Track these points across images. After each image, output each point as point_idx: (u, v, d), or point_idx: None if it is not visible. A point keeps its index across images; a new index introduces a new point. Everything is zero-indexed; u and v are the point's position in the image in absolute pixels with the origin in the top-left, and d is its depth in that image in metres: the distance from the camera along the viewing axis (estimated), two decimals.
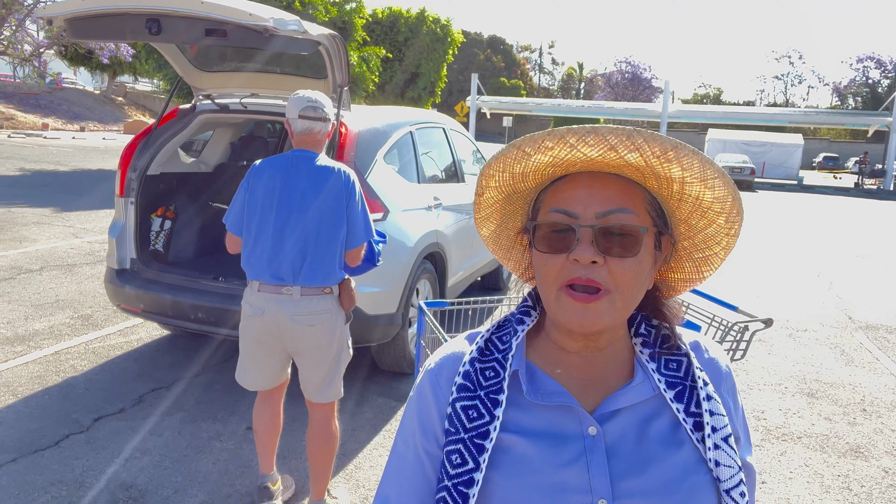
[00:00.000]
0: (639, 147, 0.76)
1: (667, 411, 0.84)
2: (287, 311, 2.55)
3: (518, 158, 0.84)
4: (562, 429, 0.83)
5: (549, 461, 0.81)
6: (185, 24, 3.11)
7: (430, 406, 0.88)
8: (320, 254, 2.57)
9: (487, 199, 0.92)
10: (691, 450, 0.82)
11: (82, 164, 16.41)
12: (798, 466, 3.50)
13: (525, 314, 0.92)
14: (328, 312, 2.61)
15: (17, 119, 25.77)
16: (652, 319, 0.91)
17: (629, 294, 0.81)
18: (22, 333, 4.68)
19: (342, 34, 17.98)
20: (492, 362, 0.87)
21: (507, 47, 73.61)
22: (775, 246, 11.28)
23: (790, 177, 33.39)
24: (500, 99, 39.58)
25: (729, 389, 0.90)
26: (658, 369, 0.86)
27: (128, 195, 4.11)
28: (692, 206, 0.85)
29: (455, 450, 0.82)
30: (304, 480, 3.07)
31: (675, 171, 0.80)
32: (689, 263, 0.93)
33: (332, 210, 2.58)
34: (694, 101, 73.45)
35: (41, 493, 2.82)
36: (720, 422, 0.83)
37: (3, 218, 8.89)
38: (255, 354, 2.69)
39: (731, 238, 0.87)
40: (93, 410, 3.61)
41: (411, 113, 4.96)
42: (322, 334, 2.62)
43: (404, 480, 0.88)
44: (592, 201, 0.81)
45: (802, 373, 4.93)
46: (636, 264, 0.81)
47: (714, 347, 0.94)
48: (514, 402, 0.85)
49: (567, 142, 0.78)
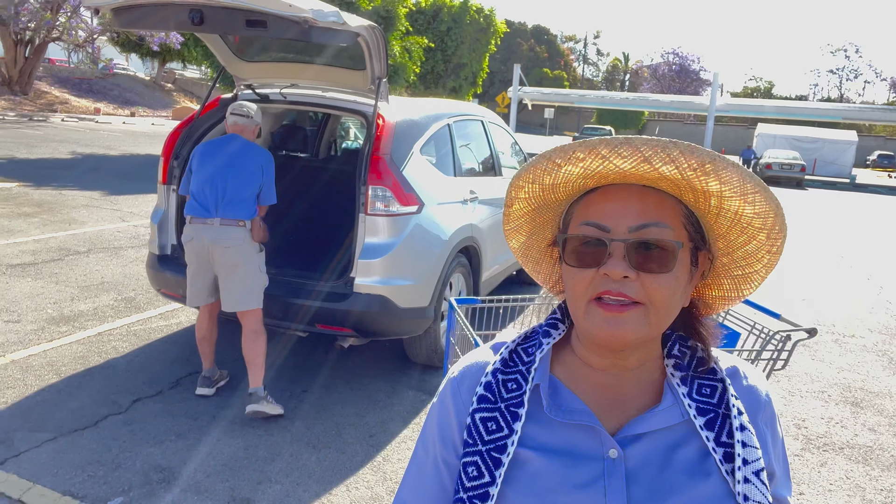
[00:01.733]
0: (674, 159, 0.73)
1: (695, 439, 0.80)
2: (209, 236, 3.41)
3: (548, 169, 0.81)
4: (581, 449, 0.80)
5: (564, 481, 0.78)
6: (226, 14, 3.14)
7: (450, 415, 0.87)
8: (238, 197, 3.44)
9: (517, 210, 0.90)
10: (719, 482, 0.77)
11: (131, 149, 16.86)
12: (839, 478, 3.39)
13: (552, 326, 0.89)
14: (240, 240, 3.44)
15: (70, 103, 26.60)
16: (687, 340, 0.87)
17: (663, 310, 0.77)
18: (67, 314, 4.83)
19: (385, 24, 18.00)
20: (515, 374, 0.85)
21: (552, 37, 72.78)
22: (824, 247, 10.92)
23: (842, 175, 32.23)
24: (543, 90, 39.17)
25: (767, 420, 0.85)
26: (689, 394, 0.82)
27: (170, 182, 4.19)
28: (731, 222, 0.81)
29: (472, 462, 0.81)
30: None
31: (713, 185, 0.75)
32: (728, 280, 0.88)
33: (251, 170, 3.49)
34: (744, 94, 71.45)
35: (78, 471, 2.91)
36: (753, 454, 0.78)
37: (55, 200, 9.20)
38: (190, 273, 3.58)
39: (773, 255, 0.82)
40: (131, 392, 3.71)
41: (450, 105, 4.93)
42: (235, 256, 3.42)
43: (421, 487, 0.87)
44: (625, 214, 0.78)
45: (847, 380, 4.76)
46: (671, 280, 0.77)
47: (754, 374, 0.88)
48: (534, 417, 0.82)
49: (599, 153, 0.75)
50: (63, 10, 22.01)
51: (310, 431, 3.43)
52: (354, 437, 3.42)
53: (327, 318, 3.68)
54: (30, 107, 24.18)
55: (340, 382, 4.06)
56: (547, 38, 71.64)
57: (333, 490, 2.95)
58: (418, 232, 3.81)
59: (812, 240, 11.59)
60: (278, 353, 4.41)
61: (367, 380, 4.13)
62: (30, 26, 22.19)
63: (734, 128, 52.75)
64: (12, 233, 7.11)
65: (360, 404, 3.79)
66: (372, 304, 3.64)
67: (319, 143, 5.91)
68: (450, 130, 4.56)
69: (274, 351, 4.45)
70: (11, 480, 2.79)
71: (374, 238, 3.66)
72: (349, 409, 3.72)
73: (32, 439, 3.13)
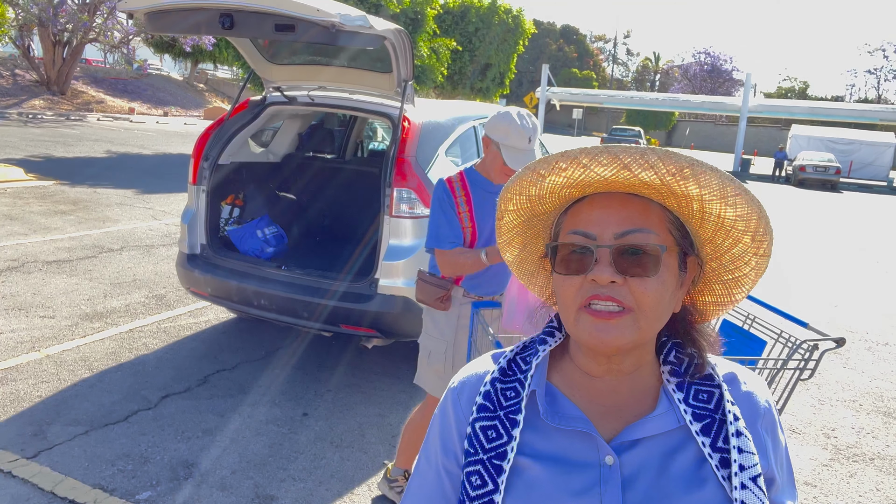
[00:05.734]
0: (653, 165, 0.75)
1: (692, 445, 0.81)
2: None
3: (533, 181, 0.83)
4: (577, 455, 0.81)
5: (560, 488, 0.79)
6: (255, 19, 3.20)
7: (451, 425, 0.88)
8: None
9: (507, 222, 0.92)
10: (715, 488, 0.78)
11: (164, 148, 17.18)
12: (868, 490, 3.31)
13: (549, 335, 0.90)
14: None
15: (106, 103, 27.21)
16: (685, 347, 0.87)
17: (652, 315, 0.79)
18: (100, 310, 4.95)
19: (413, 26, 18.06)
20: (513, 383, 0.87)
21: (581, 37, 72.23)
22: (858, 252, 10.66)
23: (879, 177, 31.42)
24: (571, 90, 38.90)
25: (767, 426, 0.85)
26: (685, 399, 0.82)
27: (200, 183, 4.27)
28: (715, 226, 0.82)
29: (475, 471, 0.82)
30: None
31: (693, 189, 0.77)
32: (719, 286, 0.90)
33: None
34: (777, 94, 70.13)
35: (108, 465, 2.99)
36: (749, 460, 0.78)
37: (90, 198, 9.42)
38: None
39: (760, 258, 0.83)
40: (161, 388, 3.79)
41: (475, 107, 4.94)
42: None
43: (425, 497, 0.88)
44: (610, 221, 0.80)
45: (880, 390, 4.65)
46: (658, 284, 0.79)
47: (753, 381, 0.88)
48: (531, 424, 0.84)
49: (580, 162, 0.77)
50: (99, 11, 22.52)
51: (333, 431, 3.47)
52: (377, 437, 3.45)
53: (351, 319, 3.72)
54: (67, 106, 24.81)
55: (364, 382, 4.09)
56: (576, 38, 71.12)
57: (355, 489, 2.98)
58: None
59: (845, 244, 11.33)
60: (303, 353, 4.47)
61: (390, 380, 4.16)
62: (67, 28, 22.76)
63: (767, 129, 51.79)
64: (49, 230, 7.30)
65: (383, 405, 3.82)
66: (395, 305, 3.66)
67: (346, 144, 5.96)
68: (475, 132, 4.56)
69: (298, 350, 4.50)
70: (44, 473, 2.88)
71: (399, 240, 3.68)
72: (372, 409, 3.75)
73: (65, 433, 3.22)
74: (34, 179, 10.47)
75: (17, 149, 13.69)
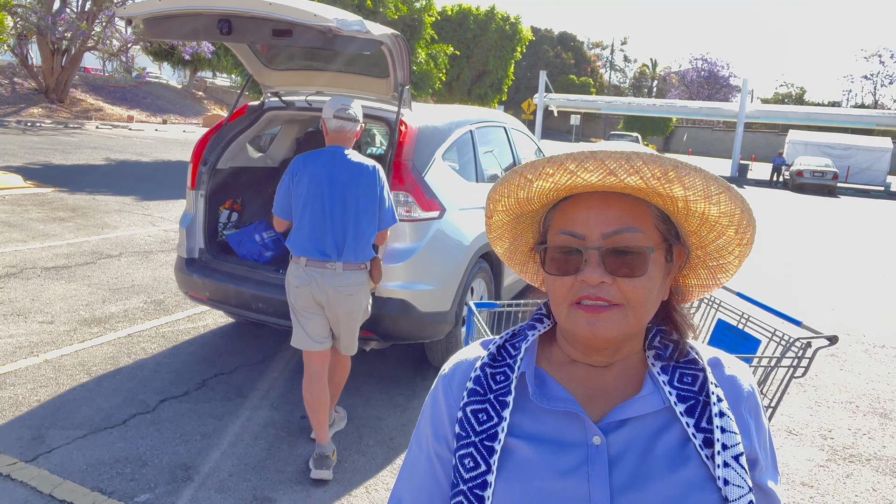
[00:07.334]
0: (638, 170, 0.77)
1: (676, 425, 0.83)
2: (330, 282, 2.99)
3: (521, 185, 0.86)
4: (565, 436, 0.83)
5: (549, 467, 0.81)
6: (253, 24, 3.22)
7: (442, 410, 0.90)
8: (359, 236, 3.02)
9: (497, 221, 0.95)
10: (699, 466, 0.80)
11: (163, 156, 17.21)
12: (865, 490, 3.32)
13: (538, 321, 0.93)
14: (362, 284, 3.09)
15: (105, 111, 27.27)
16: (669, 333, 0.90)
17: (641, 309, 0.82)
18: (99, 315, 4.96)
19: (411, 32, 18.14)
20: (503, 367, 0.89)
21: (578, 44, 72.47)
22: (855, 255, 10.70)
23: (877, 182, 31.50)
24: (569, 97, 39.03)
25: (751, 409, 0.87)
26: (670, 382, 0.85)
27: (198, 188, 4.29)
28: (699, 221, 0.85)
29: (467, 454, 0.84)
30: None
31: (678, 191, 0.80)
32: (704, 271, 0.94)
33: (368, 200, 3.03)
34: (774, 100, 70.38)
35: (107, 468, 2.99)
36: (732, 439, 0.80)
37: (89, 205, 9.44)
38: (302, 319, 3.09)
39: (743, 247, 0.87)
40: (159, 392, 3.79)
41: (472, 112, 4.97)
42: (356, 302, 3.08)
43: (416, 482, 0.90)
44: (598, 222, 0.81)
45: (876, 391, 4.67)
46: (646, 281, 0.81)
47: (737, 365, 0.91)
48: (520, 406, 0.86)
49: (567, 168, 0.79)
50: (98, 20, 22.62)
51: (330, 434, 3.47)
52: (375, 439, 3.46)
53: None
54: (66, 114, 24.86)
55: (361, 385, 4.10)
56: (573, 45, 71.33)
57: (353, 491, 2.98)
58: (440, 237, 3.85)
59: (843, 248, 11.36)
60: (301, 357, 4.47)
61: (388, 383, 4.17)
62: (66, 36, 22.84)
63: (765, 134, 51.97)
64: (48, 237, 7.31)
65: (381, 407, 3.83)
66: (393, 308, 3.68)
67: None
68: (472, 137, 4.59)
69: (296, 354, 4.51)
70: (43, 476, 2.88)
71: (396, 243, 3.70)
72: (370, 412, 3.76)
73: (64, 437, 3.23)
74: (33, 186, 10.49)
75: (15, 156, 13.71)
